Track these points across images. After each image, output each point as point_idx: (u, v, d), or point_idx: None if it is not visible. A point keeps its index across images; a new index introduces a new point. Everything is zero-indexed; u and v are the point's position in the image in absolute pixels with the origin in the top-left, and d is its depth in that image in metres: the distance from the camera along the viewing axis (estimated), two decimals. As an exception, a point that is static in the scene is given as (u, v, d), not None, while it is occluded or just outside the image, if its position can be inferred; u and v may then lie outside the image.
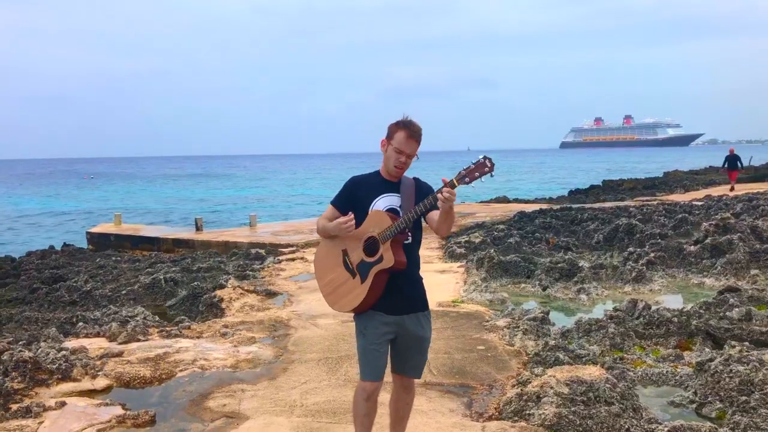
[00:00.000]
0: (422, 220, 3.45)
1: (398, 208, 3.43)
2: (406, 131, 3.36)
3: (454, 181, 3.18)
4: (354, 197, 3.49)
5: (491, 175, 3.19)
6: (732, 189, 24.73)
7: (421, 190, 3.50)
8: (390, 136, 3.41)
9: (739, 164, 26.52)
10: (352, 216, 3.38)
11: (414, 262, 3.50)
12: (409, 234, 3.44)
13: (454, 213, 3.28)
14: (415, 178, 3.56)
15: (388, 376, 3.61)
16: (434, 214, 3.33)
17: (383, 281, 3.39)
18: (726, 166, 26.91)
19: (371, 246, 3.38)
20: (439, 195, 3.16)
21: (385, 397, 3.87)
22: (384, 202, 3.45)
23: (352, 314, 3.55)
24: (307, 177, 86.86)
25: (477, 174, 3.19)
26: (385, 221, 3.35)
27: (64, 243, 18.18)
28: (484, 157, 3.20)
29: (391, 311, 3.43)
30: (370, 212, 3.42)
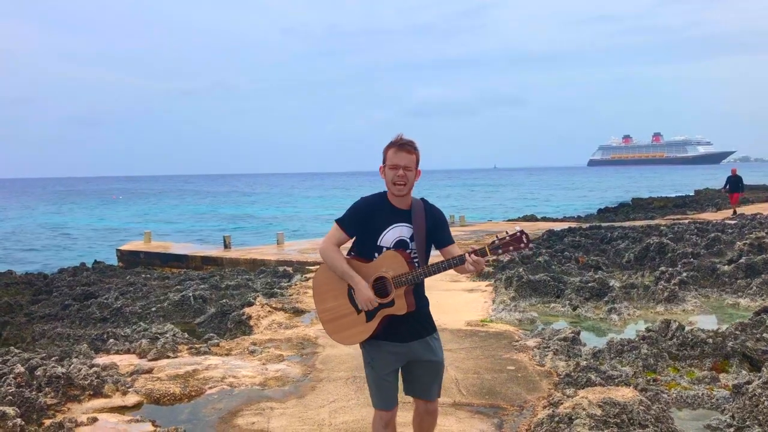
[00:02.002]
0: (432, 246, 3.38)
1: (408, 240, 3.30)
2: (394, 146, 3.27)
3: (486, 250, 3.13)
4: (364, 221, 3.31)
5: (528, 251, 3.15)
6: (734, 213, 22.84)
7: (433, 218, 3.37)
8: (384, 160, 3.31)
9: (740, 186, 24.57)
10: (378, 303, 3.22)
11: (421, 284, 3.39)
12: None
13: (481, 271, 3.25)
14: (423, 200, 3.42)
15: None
16: (453, 250, 3.31)
17: (388, 321, 3.28)
18: (727, 188, 24.81)
19: (382, 285, 3.24)
20: (468, 260, 3.11)
21: (405, 417, 3.83)
22: (394, 233, 3.30)
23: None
24: (334, 194, 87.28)
25: (511, 248, 3.14)
26: (403, 267, 3.21)
27: (95, 260, 18.46)
28: (521, 232, 3.14)
29: (399, 339, 3.32)
30: (386, 251, 3.26)
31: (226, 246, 17.89)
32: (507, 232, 3.15)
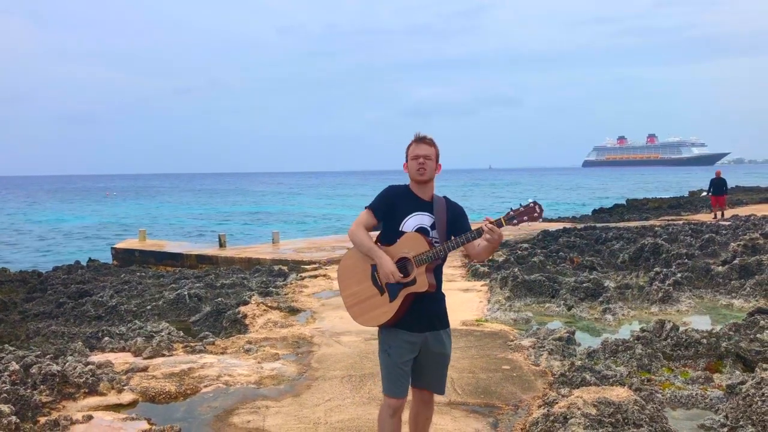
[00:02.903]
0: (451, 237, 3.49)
1: (428, 228, 3.47)
2: (414, 141, 3.52)
3: (502, 221, 3.28)
4: (392, 206, 3.52)
5: (540, 221, 3.31)
6: (715, 217, 21.87)
7: (453, 210, 3.56)
8: (406, 156, 3.54)
9: (724, 189, 23.20)
10: (399, 276, 3.37)
11: (439, 280, 3.54)
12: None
13: (496, 248, 3.39)
14: (445, 197, 3.61)
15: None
16: (476, 242, 3.40)
17: (410, 301, 3.41)
18: (711, 191, 23.51)
19: (403, 266, 3.39)
20: (485, 230, 3.26)
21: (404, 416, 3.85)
22: (415, 220, 3.48)
23: (376, 328, 3.56)
24: (328, 194, 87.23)
25: (525, 218, 3.30)
26: (423, 245, 3.37)
27: (90, 258, 18.40)
28: (534, 203, 3.30)
29: (415, 329, 3.46)
30: (406, 233, 3.43)
31: (221, 244, 17.87)
32: (521, 203, 3.33)
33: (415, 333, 3.45)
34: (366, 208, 3.58)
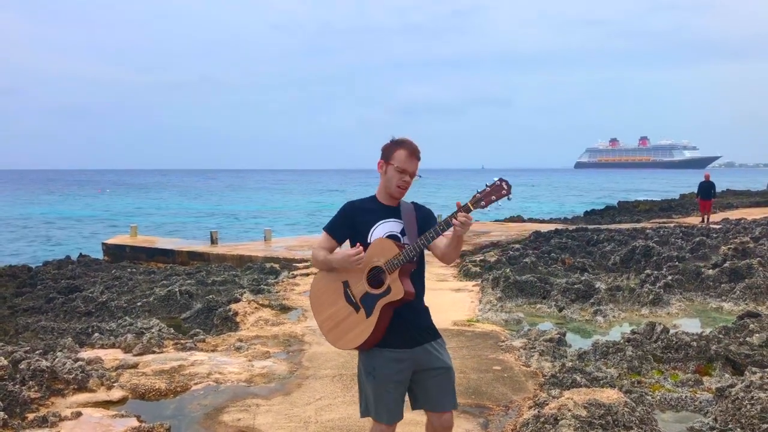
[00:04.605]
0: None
1: (399, 234, 3.21)
2: (407, 150, 3.17)
3: (470, 205, 3.01)
4: (352, 223, 3.25)
5: (508, 198, 3.01)
6: (703, 221, 21.34)
7: (422, 214, 3.30)
8: (388, 157, 3.19)
9: (712, 192, 22.37)
10: (362, 249, 3.10)
11: (420, 290, 3.26)
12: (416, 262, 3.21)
13: (463, 240, 3.10)
14: (413, 203, 3.36)
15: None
16: (439, 241, 3.13)
17: (389, 315, 3.12)
18: (698, 194, 22.63)
19: (376, 277, 3.13)
20: (454, 220, 2.97)
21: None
22: (384, 228, 3.21)
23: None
24: (320, 191, 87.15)
25: (493, 198, 3.01)
26: (392, 249, 3.09)
27: (80, 254, 18.32)
28: (500, 180, 3.03)
29: (401, 345, 3.16)
30: (373, 241, 3.17)
31: (213, 241, 17.82)
32: (486, 184, 3.05)
33: (400, 349, 3.15)
34: (323, 229, 3.30)
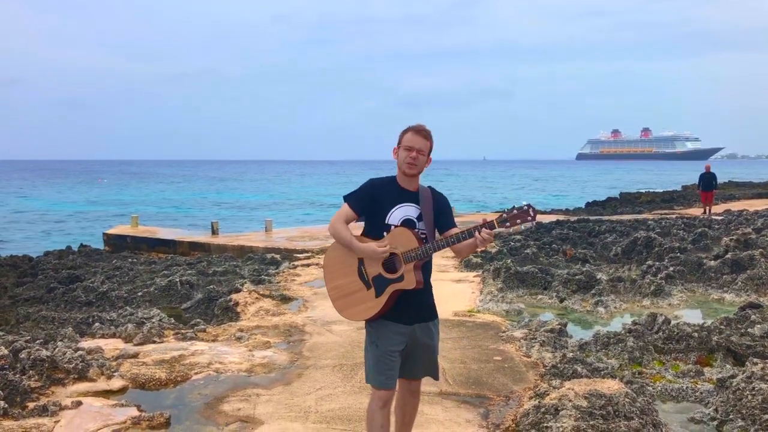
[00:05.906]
0: (435, 229, 3.46)
1: (415, 219, 3.42)
2: (412, 130, 3.43)
3: (495, 223, 3.23)
4: (372, 200, 3.44)
5: (532, 225, 3.29)
6: (704, 212, 21.59)
7: (438, 201, 3.51)
8: (399, 142, 3.46)
9: (713, 184, 22.53)
10: (389, 247, 3.32)
11: (428, 271, 3.49)
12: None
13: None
14: (430, 188, 3.56)
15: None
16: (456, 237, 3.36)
17: (397, 297, 3.37)
18: (700, 186, 22.87)
19: (391, 262, 3.34)
20: (477, 234, 3.22)
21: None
22: (401, 212, 3.42)
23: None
24: (321, 183, 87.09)
25: (518, 221, 3.25)
26: (412, 242, 3.31)
27: (81, 244, 18.32)
28: (528, 206, 3.25)
29: (404, 320, 3.41)
30: (395, 229, 3.37)
31: (214, 232, 17.82)
32: (515, 206, 3.27)
33: (403, 324, 3.41)
34: (345, 201, 3.49)
